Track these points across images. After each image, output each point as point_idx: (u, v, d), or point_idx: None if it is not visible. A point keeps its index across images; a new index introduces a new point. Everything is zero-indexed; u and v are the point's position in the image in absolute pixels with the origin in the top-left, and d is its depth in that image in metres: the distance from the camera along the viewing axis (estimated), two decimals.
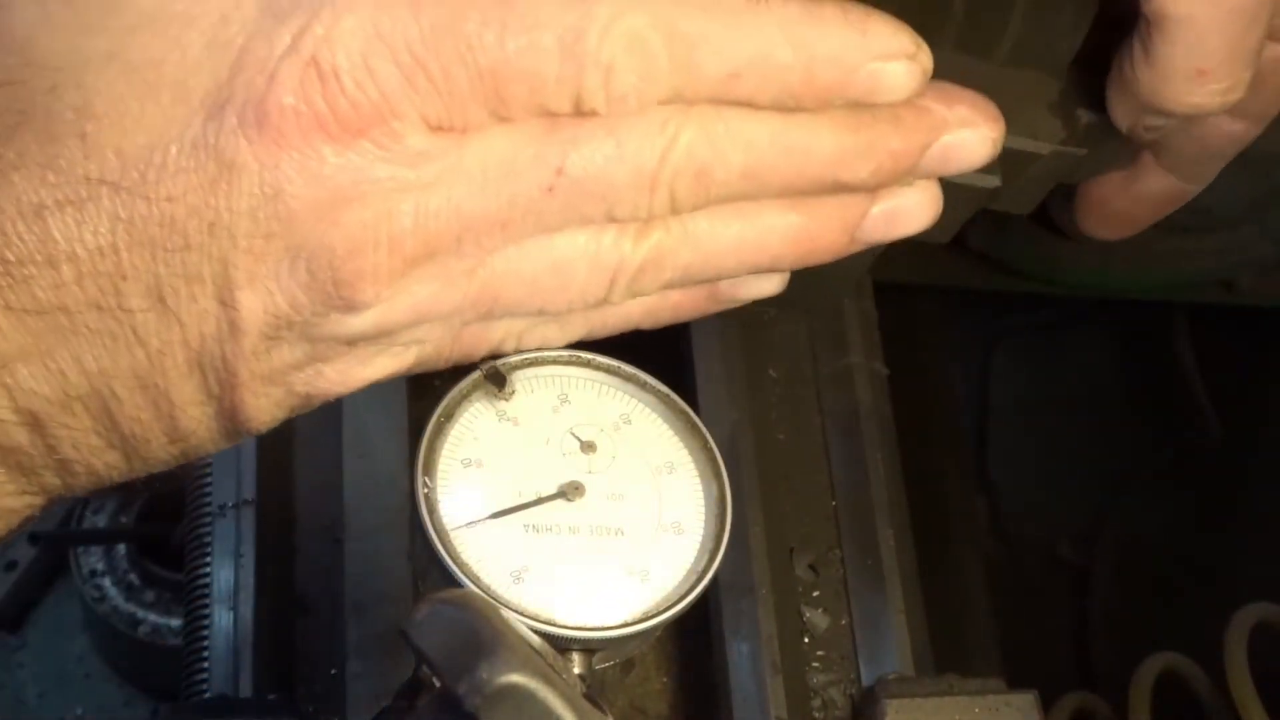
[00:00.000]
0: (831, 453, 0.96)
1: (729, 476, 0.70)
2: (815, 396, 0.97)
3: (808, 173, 0.60)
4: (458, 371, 0.69)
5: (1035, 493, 1.69)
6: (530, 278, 0.60)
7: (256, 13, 0.54)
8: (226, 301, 0.56)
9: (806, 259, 0.64)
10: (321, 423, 0.93)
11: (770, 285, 0.68)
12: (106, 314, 0.55)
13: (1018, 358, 1.74)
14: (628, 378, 0.71)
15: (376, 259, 0.56)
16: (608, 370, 0.71)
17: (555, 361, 0.71)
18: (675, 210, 0.59)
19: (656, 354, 0.75)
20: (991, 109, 0.63)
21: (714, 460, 0.70)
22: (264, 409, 0.60)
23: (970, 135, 0.62)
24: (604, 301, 0.62)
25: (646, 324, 0.67)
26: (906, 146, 0.61)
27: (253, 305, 0.56)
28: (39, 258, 0.54)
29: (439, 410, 0.68)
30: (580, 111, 0.56)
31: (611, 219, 0.59)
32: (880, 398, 0.98)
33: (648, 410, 0.71)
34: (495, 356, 0.69)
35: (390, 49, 0.53)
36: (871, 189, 0.63)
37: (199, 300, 0.56)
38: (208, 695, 0.88)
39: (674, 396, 0.72)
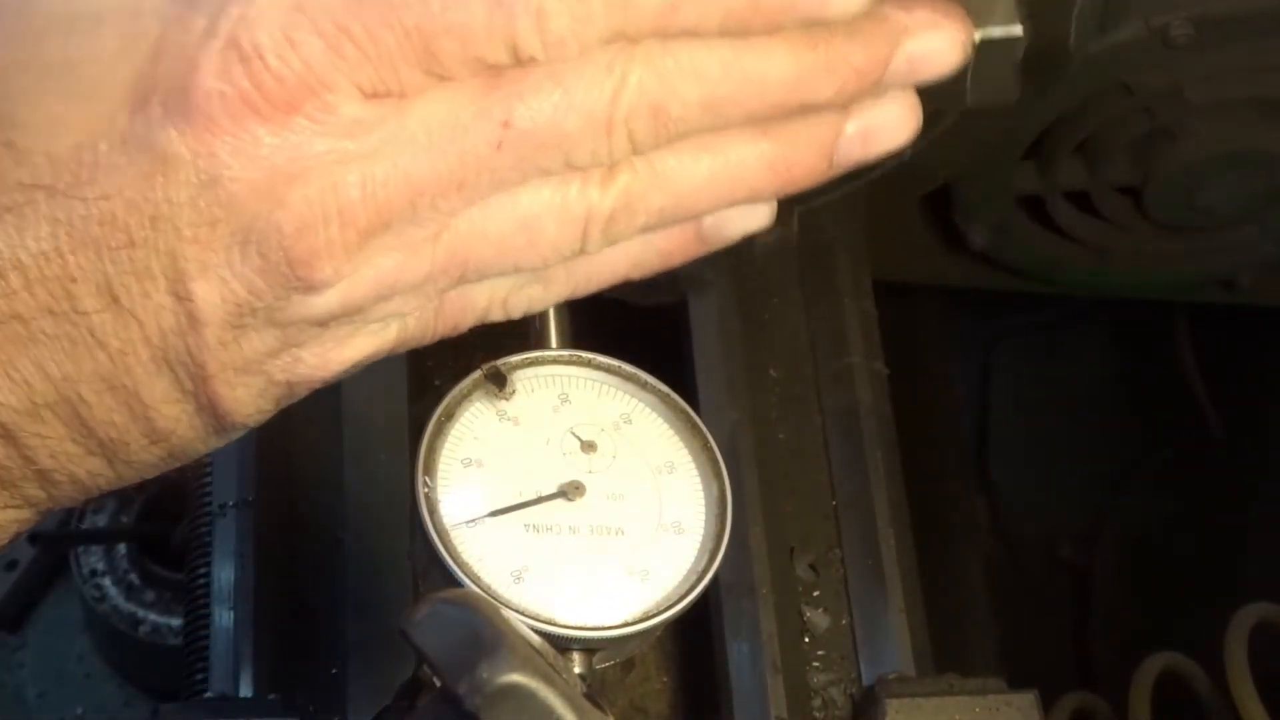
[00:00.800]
0: (832, 452, 0.96)
1: (729, 476, 0.70)
2: (815, 396, 0.97)
3: (769, 98, 0.58)
4: (459, 371, 0.69)
5: (1035, 493, 1.69)
6: (497, 237, 0.59)
7: (168, 1, 0.53)
8: (181, 294, 0.55)
9: (786, 187, 0.62)
10: (322, 423, 0.93)
11: (757, 218, 0.65)
12: (61, 318, 0.55)
13: (1018, 358, 1.74)
14: (628, 377, 0.71)
15: (329, 234, 0.55)
16: (608, 370, 0.71)
17: (556, 361, 0.71)
18: (637, 151, 0.58)
19: (657, 353, 0.75)
20: (954, 8, 0.61)
21: (714, 460, 0.70)
22: (244, 400, 0.59)
23: (936, 38, 0.60)
24: (581, 253, 0.61)
25: (636, 274, 0.65)
26: (869, 59, 0.59)
27: (209, 295, 0.55)
28: None
29: (439, 410, 0.68)
30: (520, 61, 0.54)
31: (572, 167, 0.58)
32: (880, 397, 0.98)
33: (648, 410, 0.71)
34: (495, 356, 0.69)
35: (311, 20, 0.52)
36: (841, 107, 0.61)
37: (153, 296, 0.55)
38: (208, 695, 0.88)
39: (674, 396, 0.72)
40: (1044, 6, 0.79)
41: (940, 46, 0.60)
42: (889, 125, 0.62)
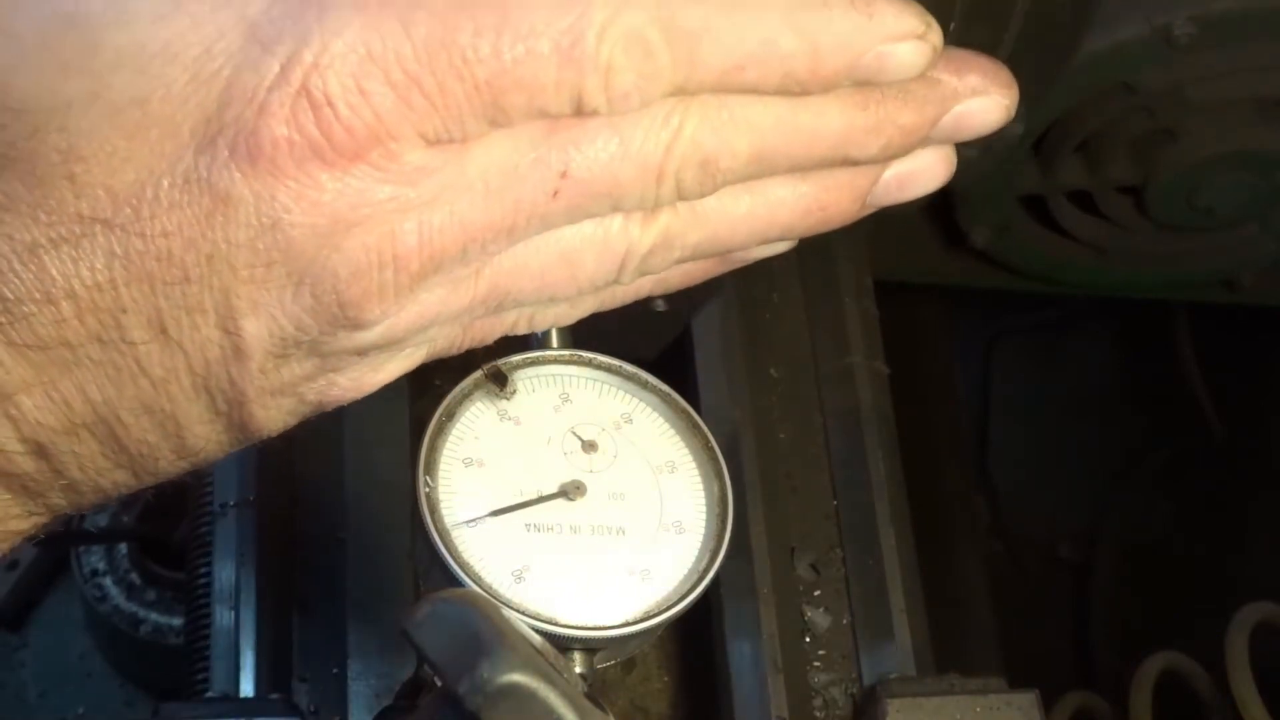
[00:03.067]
0: (832, 452, 0.96)
1: (730, 476, 0.70)
2: (816, 395, 0.97)
3: (816, 152, 0.59)
4: (460, 371, 0.69)
5: (1035, 493, 1.69)
6: (539, 271, 0.59)
7: (241, 42, 0.53)
8: (230, 330, 0.56)
9: (817, 228, 0.64)
10: (322, 423, 0.93)
11: (780, 246, 0.67)
12: (109, 346, 0.55)
13: (1018, 358, 1.74)
14: (629, 377, 0.71)
15: (382, 279, 0.55)
16: (609, 369, 0.71)
17: (556, 361, 0.71)
18: (683, 198, 0.59)
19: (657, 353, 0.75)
20: (1004, 74, 0.62)
21: (715, 459, 0.70)
22: (274, 419, 0.60)
23: (983, 103, 0.61)
24: (614, 283, 0.62)
25: (658, 292, 0.66)
26: (917, 121, 0.60)
27: (257, 331, 0.56)
28: (38, 295, 0.53)
29: (440, 410, 0.68)
30: (580, 113, 0.55)
31: (618, 210, 0.59)
32: (881, 397, 0.98)
33: (649, 409, 0.71)
34: (497, 356, 0.69)
35: (383, 69, 0.52)
36: (883, 161, 0.62)
37: (201, 329, 0.55)
38: (209, 694, 0.88)
39: (675, 396, 0.72)
40: None
41: (986, 110, 0.62)
42: (924, 173, 0.63)
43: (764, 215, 0.61)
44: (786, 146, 0.58)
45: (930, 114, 0.60)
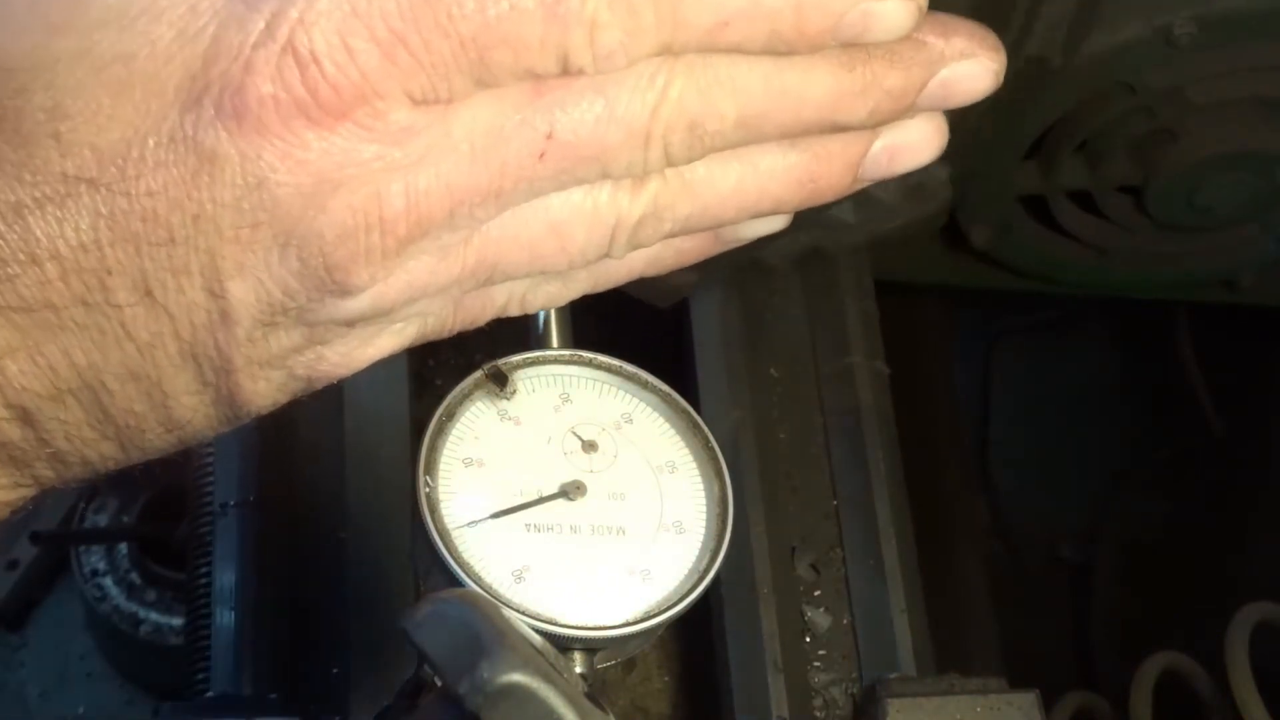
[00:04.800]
0: (833, 452, 0.96)
1: (730, 476, 0.70)
2: (817, 395, 0.97)
3: (804, 116, 0.59)
4: (460, 371, 0.69)
5: (1036, 493, 1.69)
6: (528, 242, 0.59)
7: (226, 0, 0.53)
8: (216, 292, 0.55)
9: (810, 200, 0.63)
10: (323, 422, 0.93)
11: (774, 224, 0.66)
12: (94, 309, 0.55)
13: (1018, 357, 1.74)
14: (629, 377, 0.71)
15: (369, 242, 0.55)
16: (609, 369, 0.71)
17: (557, 361, 0.71)
18: (671, 164, 0.58)
19: (658, 353, 0.75)
20: (991, 38, 0.62)
21: (715, 459, 0.70)
22: (263, 393, 0.60)
23: (971, 66, 0.61)
24: (605, 257, 0.61)
25: (651, 271, 0.66)
26: (905, 84, 0.60)
27: (243, 295, 0.55)
28: (22, 256, 0.53)
29: (440, 410, 0.68)
30: (566, 72, 0.55)
31: (606, 177, 0.58)
32: (881, 397, 0.98)
33: (649, 409, 0.71)
34: (496, 356, 0.69)
35: (368, 26, 0.52)
36: (872, 127, 0.62)
37: (187, 292, 0.55)
38: (209, 694, 0.88)
39: (675, 395, 0.72)
40: None
41: (974, 73, 0.61)
42: (915, 144, 0.63)
43: (754, 186, 0.61)
44: (774, 109, 0.58)
45: (917, 76, 0.60)
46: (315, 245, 0.55)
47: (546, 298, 0.64)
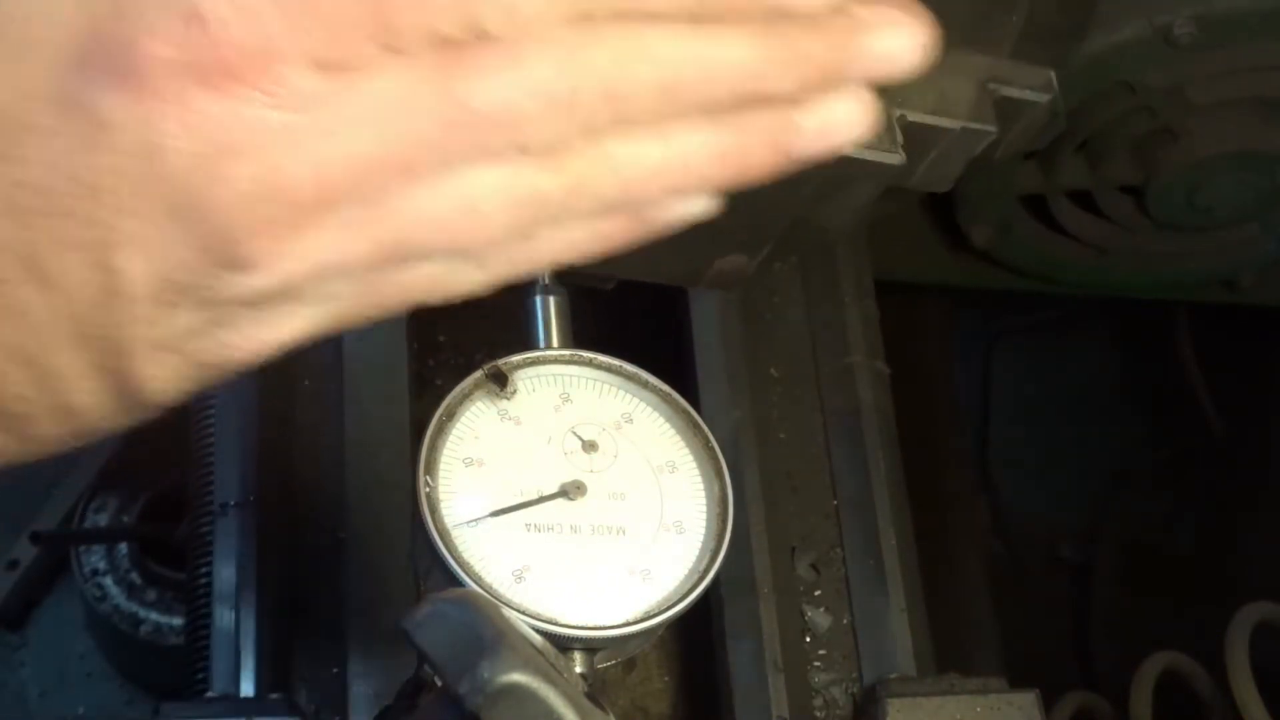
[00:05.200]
0: (833, 452, 0.96)
1: (730, 475, 0.70)
2: (817, 395, 0.97)
3: (725, 86, 0.56)
4: (460, 371, 0.69)
5: (1036, 493, 1.69)
6: (440, 219, 0.56)
7: None
8: (108, 268, 0.52)
9: (738, 178, 0.60)
10: (322, 423, 0.93)
11: (699, 205, 0.62)
12: None
13: (1018, 357, 1.74)
14: (629, 377, 0.71)
15: (268, 212, 0.52)
16: (609, 369, 0.71)
17: (557, 360, 0.71)
18: (588, 136, 0.56)
19: (658, 353, 0.75)
20: (918, 8, 0.59)
21: (715, 459, 0.70)
22: (163, 379, 0.56)
23: (898, 37, 0.58)
24: (525, 237, 0.58)
25: (574, 258, 0.62)
26: (830, 53, 0.58)
27: (138, 270, 0.52)
28: None
29: (441, 409, 0.68)
30: (478, 37, 0.52)
31: (522, 151, 0.55)
32: (882, 396, 0.98)
33: (649, 409, 0.71)
34: (494, 357, 0.69)
35: None
36: (799, 100, 0.59)
37: (78, 268, 0.52)
38: (210, 694, 0.88)
39: (675, 395, 0.71)
40: None
41: (901, 45, 0.59)
42: (844, 121, 0.60)
43: (678, 163, 0.58)
44: (693, 78, 0.56)
45: (842, 46, 0.58)
46: (211, 216, 0.52)
47: (466, 283, 0.61)
